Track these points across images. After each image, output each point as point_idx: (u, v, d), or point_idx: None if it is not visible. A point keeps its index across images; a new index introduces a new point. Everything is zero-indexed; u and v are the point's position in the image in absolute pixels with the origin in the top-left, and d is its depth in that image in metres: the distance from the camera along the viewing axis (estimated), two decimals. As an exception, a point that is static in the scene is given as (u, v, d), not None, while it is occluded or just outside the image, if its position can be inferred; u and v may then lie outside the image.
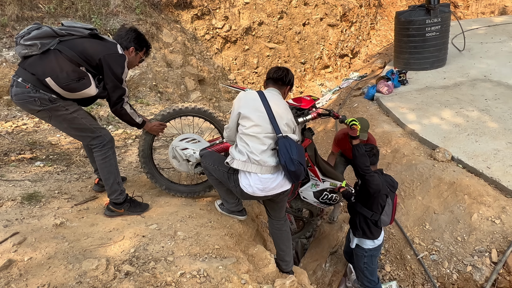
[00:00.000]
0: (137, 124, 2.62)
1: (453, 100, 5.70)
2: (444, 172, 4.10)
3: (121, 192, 2.56)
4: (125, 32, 2.51)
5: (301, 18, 9.18)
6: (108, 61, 2.31)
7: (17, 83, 2.23)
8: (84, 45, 2.29)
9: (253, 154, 2.24)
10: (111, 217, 2.56)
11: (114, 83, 2.36)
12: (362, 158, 2.59)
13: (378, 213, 2.79)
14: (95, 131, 2.45)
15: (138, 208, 2.67)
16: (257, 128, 2.25)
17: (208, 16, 7.78)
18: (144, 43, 2.57)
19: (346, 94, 7.53)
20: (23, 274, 1.93)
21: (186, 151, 2.81)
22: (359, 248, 2.99)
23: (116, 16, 6.33)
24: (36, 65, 2.21)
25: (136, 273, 2.01)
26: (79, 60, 2.26)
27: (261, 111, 2.28)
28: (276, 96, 2.41)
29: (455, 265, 3.39)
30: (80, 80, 2.26)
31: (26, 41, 2.19)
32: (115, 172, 2.53)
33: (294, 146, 2.22)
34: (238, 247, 2.54)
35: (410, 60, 7.19)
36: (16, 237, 2.17)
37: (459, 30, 8.13)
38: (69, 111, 2.33)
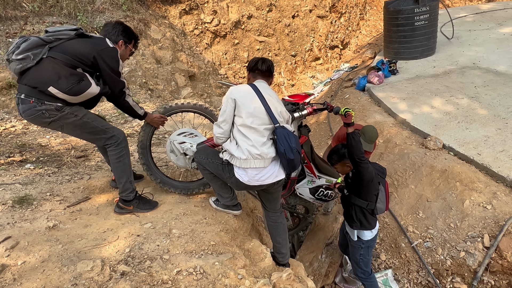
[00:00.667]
0: (140, 115, 2.67)
1: (443, 89, 5.74)
2: (436, 160, 4.14)
3: (132, 190, 2.61)
4: (111, 26, 2.51)
5: (290, 10, 9.13)
6: (102, 57, 2.31)
7: (21, 100, 2.24)
8: (74, 46, 2.29)
9: (254, 147, 2.25)
10: (120, 214, 2.61)
11: (112, 77, 2.38)
12: (358, 146, 2.59)
13: (373, 201, 2.81)
14: (108, 132, 2.48)
15: (147, 205, 2.69)
16: (256, 119, 2.26)
17: (197, 11, 7.70)
18: (132, 35, 2.58)
19: (338, 85, 7.54)
20: (17, 279, 1.91)
21: (183, 144, 2.84)
22: (357, 240, 2.99)
23: (102, 14, 6.22)
24: (35, 78, 2.20)
25: (132, 273, 2.00)
26: (74, 62, 2.27)
27: (256, 103, 2.29)
28: (267, 87, 2.42)
29: (449, 251, 3.45)
30: (80, 82, 2.28)
31: (18, 55, 2.18)
32: (128, 171, 2.58)
33: (292, 135, 2.27)
34: (234, 242, 2.55)
35: (400, 49, 7.21)
36: (9, 242, 2.14)
37: (447, 18, 8.18)
38: (78, 117, 2.36)
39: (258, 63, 2.47)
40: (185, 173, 3.42)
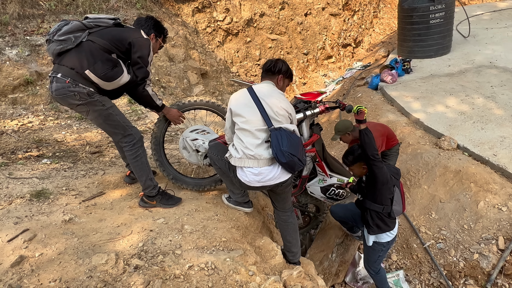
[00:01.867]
0: (157, 106, 2.70)
1: (458, 88, 5.64)
2: (450, 161, 4.08)
3: (154, 186, 2.67)
4: (144, 20, 2.62)
5: (303, 8, 9.08)
6: (135, 44, 2.42)
7: (57, 79, 2.31)
8: (112, 33, 2.42)
9: (248, 149, 2.27)
10: (145, 208, 2.70)
11: (140, 64, 2.47)
12: (372, 143, 2.54)
13: (388, 205, 2.73)
14: (127, 129, 2.55)
15: (170, 201, 2.75)
16: (249, 122, 2.29)
17: (209, 9, 7.72)
18: (162, 30, 2.68)
19: (350, 84, 7.48)
20: (35, 270, 1.97)
21: (196, 141, 2.87)
22: (377, 244, 2.94)
23: (117, 11, 6.30)
24: (74, 59, 2.31)
25: (145, 267, 2.04)
26: (110, 47, 2.37)
27: (250, 106, 2.31)
28: (268, 87, 2.41)
29: (462, 253, 3.40)
30: (114, 68, 2.37)
31: (60, 36, 2.30)
32: (146, 169, 2.63)
33: (285, 138, 2.22)
34: (245, 239, 2.56)
35: (414, 48, 7.10)
36: (27, 234, 2.20)
37: (463, 16, 8.01)
38: (105, 107, 2.44)
39: (268, 64, 2.51)
40: (197, 169, 3.46)
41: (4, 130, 4.00)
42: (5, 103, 4.60)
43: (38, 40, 5.17)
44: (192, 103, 2.93)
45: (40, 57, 5.07)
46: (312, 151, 3.07)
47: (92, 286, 1.88)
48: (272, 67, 2.47)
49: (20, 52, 4.92)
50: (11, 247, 2.10)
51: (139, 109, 4.95)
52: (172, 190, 2.91)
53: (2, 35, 5.07)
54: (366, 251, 3.10)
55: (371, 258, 3.06)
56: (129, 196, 2.88)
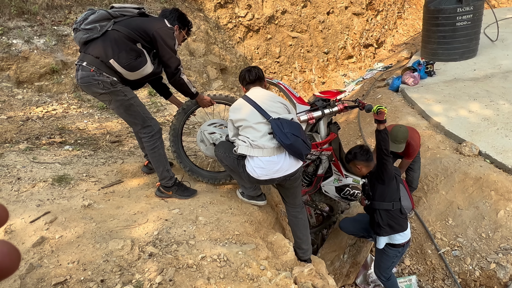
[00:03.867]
0: (192, 93, 2.75)
1: (482, 93, 5.47)
2: (470, 167, 3.97)
3: (170, 177, 2.72)
4: (169, 12, 2.63)
5: (326, 6, 8.99)
6: (161, 34, 2.41)
7: (82, 67, 2.37)
8: (137, 22, 2.43)
9: (253, 141, 2.35)
10: (161, 197, 2.76)
11: (169, 54, 2.47)
12: (388, 143, 2.61)
13: (397, 200, 2.75)
14: (146, 121, 2.59)
15: (186, 192, 2.80)
16: (248, 119, 2.38)
17: (231, 5, 7.74)
18: (186, 22, 2.68)
19: (370, 85, 7.37)
20: (55, 251, 2.04)
21: (213, 135, 2.90)
22: (392, 248, 2.90)
23: (141, 5, 6.40)
24: (99, 48, 2.35)
25: (159, 255, 2.08)
26: (135, 36, 2.38)
27: (248, 109, 2.42)
28: (258, 90, 2.54)
29: (478, 262, 3.31)
30: (137, 58, 2.40)
31: (87, 25, 2.34)
32: (163, 161, 2.68)
33: (285, 122, 2.32)
34: (258, 234, 2.58)
35: (438, 50, 6.93)
36: (48, 216, 2.29)
37: (492, 19, 7.75)
38: (127, 97, 2.48)
39: (246, 76, 2.58)
40: (213, 163, 3.49)
41: (30, 116, 4.14)
42: (31, 90, 4.76)
43: (65, 30, 5.32)
44: (211, 97, 2.96)
45: (66, 47, 5.21)
46: (329, 149, 3.05)
47: (108, 270, 1.94)
48: (258, 73, 2.57)
49: (47, 42, 5.07)
50: (33, 228, 2.18)
51: (158, 101, 5.03)
52: (188, 181, 2.96)
53: (31, 25, 5.23)
54: (379, 256, 3.05)
55: (384, 264, 3.01)
56: (146, 186, 2.94)
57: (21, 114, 4.21)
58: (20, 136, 3.65)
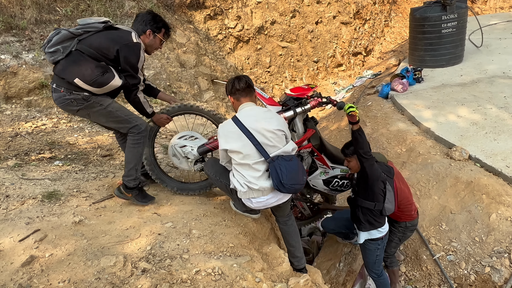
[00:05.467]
0: (147, 113, 2.71)
1: (470, 98, 5.57)
2: (461, 171, 4.02)
3: (135, 178, 2.68)
4: (141, 16, 2.55)
5: (314, 16, 9.13)
6: (123, 52, 2.38)
7: (54, 89, 2.45)
8: (99, 40, 2.39)
9: (251, 183, 2.31)
10: (118, 197, 2.72)
11: (129, 72, 2.45)
12: (366, 142, 2.59)
13: (380, 202, 2.77)
14: (131, 121, 2.58)
15: (144, 199, 2.76)
16: (246, 157, 2.29)
17: (221, 16, 7.82)
18: (161, 24, 2.57)
19: (360, 92, 7.46)
20: (45, 270, 1.99)
21: (184, 148, 2.85)
22: (371, 242, 2.96)
23: (130, 18, 6.42)
24: (64, 69, 2.37)
25: (153, 270, 2.05)
26: (98, 56, 2.38)
27: (243, 140, 2.27)
28: (251, 111, 2.37)
29: (473, 266, 3.33)
30: (104, 74, 2.38)
31: (50, 48, 2.36)
32: (138, 159, 2.66)
33: (284, 168, 2.21)
34: (252, 245, 2.56)
35: (426, 57, 7.06)
36: (38, 234, 2.24)
37: (476, 25, 7.94)
38: (103, 106, 2.48)
39: (235, 84, 2.42)
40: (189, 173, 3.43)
41: (19, 132, 4.09)
42: (20, 106, 4.71)
43: (54, 44, 5.30)
44: (180, 108, 2.87)
45: (55, 61, 5.19)
46: (308, 146, 3.02)
47: (100, 288, 1.90)
48: (248, 81, 2.44)
49: (36, 56, 5.04)
50: (22, 246, 2.13)
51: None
52: (148, 186, 2.97)
53: (19, 40, 5.21)
54: (363, 252, 3.11)
55: (369, 259, 3.06)
56: (138, 200, 2.91)
57: (10, 130, 4.15)
58: (9, 152, 3.59)
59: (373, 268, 3.07)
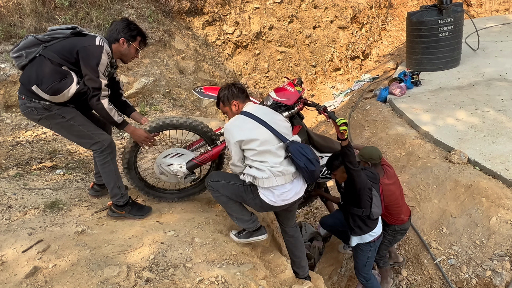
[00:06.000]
0: (116, 122, 2.46)
1: (468, 101, 5.61)
2: (461, 175, 4.04)
3: (122, 195, 2.60)
4: (115, 24, 2.46)
5: (311, 21, 9.19)
6: (82, 53, 2.27)
7: (18, 96, 2.38)
8: (64, 44, 2.31)
9: (274, 167, 2.23)
10: (114, 218, 2.65)
11: (89, 75, 2.30)
12: (353, 155, 2.62)
13: (367, 208, 2.83)
14: (93, 137, 2.46)
15: (139, 212, 2.70)
16: (267, 143, 2.24)
17: (219, 22, 7.86)
18: (136, 32, 2.45)
19: (358, 96, 7.50)
20: (48, 281, 2.00)
21: (172, 166, 2.72)
22: (363, 245, 3.03)
23: (129, 25, 6.46)
24: (24, 75, 2.31)
25: (156, 280, 2.05)
26: (59, 60, 2.28)
27: (259, 128, 2.25)
28: (260, 108, 2.40)
29: (474, 270, 3.34)
30: (62, 80, 2.27)
31: (14, 53, 2.32)
32: (114, 177, 2.56)
33: (306, 147, 2.27)
34: (255, 253, 2.57)
35: (423, 60, 7.11)
36: (41, 245, 2.24)
37: (472, 29, 8.01)
38: (65, 119, 2.38)
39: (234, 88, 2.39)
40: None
41: (19, 141, 4.09)
42: (20, 114, 4.71)
43: (53, 53, 5.32)
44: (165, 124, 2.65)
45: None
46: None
47: (104, 299, 1.90)
48: (243, 88, 2.44)
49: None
50: (26, 258, 2.13)
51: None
52: (144, 200, 2.88)
53: (19, 48, 5.22)
54: (355, 254, 3.17)
55: (360, 261, 3.11)
56: (140, 208, 2.91)
57: (10, 138, 4.16)
58: (10, 161, 3.60)
59: (362, 271, 3.11)
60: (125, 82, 5.64)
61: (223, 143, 2.73)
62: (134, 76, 5.86)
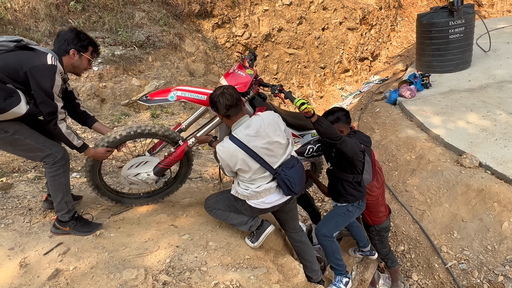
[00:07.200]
0: (75, 147, 2.36)
1: (479, 104, 5.58)
2: (472, 179, 4.03)
3: (68, 211, 2.43)
4: (62, 34, 2.26)
5: (320, 23, 9.19)
6: (33, 75, 2.06)
7: None
8: (6, 59, 2.08)
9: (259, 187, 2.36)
10: (56, 234, 2.44)
11: (42, 98, 2.11)
12: (329, 130, 2.45)
13: (359, 174, 2.77)
14: (44, 150, 2.27)
15: (85, 228, 2.51)
16: (257, 173, 2.32)
17: (229, 25, 7.92)
18: (86, 42, 2.31)
19: (368, 98, 7.49)
20: (70, 283, 2.07)
21: (139, 176, 2.67)
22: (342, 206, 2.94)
23: (141, 28, 6.55)
24: None
25: (173, 283, 2.11)
26: (3, 77, 2.06)
27: (251, 161, 2.26)
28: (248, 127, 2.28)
29: (486, 275, 3.34)
30: (7, 99, 2.05)
31: None
32: (63, 190, 2.38)
33: (292, 179, 2.30)
34: (268, 257, 2.61)
35: (433, 62, 7.08)
36: (61, 247, 2.32)
37: (483, 29, 7.94)
38: (9, 133, 2.16)
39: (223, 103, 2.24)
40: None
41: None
42: (36, 117, 4.82)
43: (67, 56, 5.42)
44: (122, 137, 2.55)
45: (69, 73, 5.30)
46: None
47: (124, 301, 1.96)
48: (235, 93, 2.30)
49: (50, 69, 5.15)
50: (47, 260, 2.21)
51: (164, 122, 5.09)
52: (90, 214, 2.73)
53: (34, 52, 5.34)
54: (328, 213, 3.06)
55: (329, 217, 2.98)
56: (155, 211, 2.97)
57: (27, 141, 4.26)
58: (27, 164, 3.69)
59: (324, 225, 2.94)
60: (136, 85, 5.73)
61: (185, 141, 2.68)
62: (145, 79, 5.94)
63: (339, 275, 2.98)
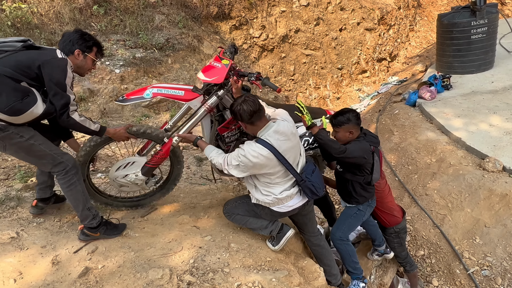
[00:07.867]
0: (94, 131, 2.36)
1: (502, 106, 5.44)
2: (495, 183, 3.95)
3: (93, 217, 2.43)
4: (67, 35, 2.30)
5: (338, 23, 9.13)
6: (46, 68, 2.08)
7: None
8: (18, 58, 2.10)
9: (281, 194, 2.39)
10: (86, 241, 2.45)
11: (55, 90, 2.11)
12: (329, 143, 2.42)
13: (369, 174, 2.74)
14: (56, 158, 2.27)
15: (114, 231, 2.56)
16: (280, 177, 2.36)
17: (246, 26, 7.97)
18: (91, 43, 2.34)
19: (386, 100, 7.40)
20: (99, 281, 2.15)
21: (127, 177, 2.66)
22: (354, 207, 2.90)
23: (160, 31, 6.67)
24: None
25: (197, 284, 2.16)
26: (17, 75, 2.05)
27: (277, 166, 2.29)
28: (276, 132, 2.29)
29: (510, 282, 3.27)
30: (24, 99, 2.05)
31: None
32: (82, 198, 2.37)
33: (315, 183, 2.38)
34: (288, 259, 2.64)
35: (454, 63, 6.94)
36: (89, 246, 2.41)
37: (507, 29, 7.73)
38: (24, 138, 2.15)
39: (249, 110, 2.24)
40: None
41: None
42: (61, 118, 4.98)
43: (90, 59, 5.58)
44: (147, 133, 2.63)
45: (92, 75, 5.46)
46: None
47: (151, 300, 2.03)
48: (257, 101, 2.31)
49: (75, 71, 5.32)
50: (77, 258, 2.30)
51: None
52: (116, 218, 2.75)
53: (59, 55, 5.51)
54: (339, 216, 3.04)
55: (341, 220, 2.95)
56: (177, 212, 3.05)
57: (53, 142, 4.41)
58: (54, 164, 3.83)
59: (340, 229, 2.91)
60: (156, 87, 5.84)
61: (170, 138, 2.66)
62: (165, 81, 6.05)
63: (356, 279, 2.97)
